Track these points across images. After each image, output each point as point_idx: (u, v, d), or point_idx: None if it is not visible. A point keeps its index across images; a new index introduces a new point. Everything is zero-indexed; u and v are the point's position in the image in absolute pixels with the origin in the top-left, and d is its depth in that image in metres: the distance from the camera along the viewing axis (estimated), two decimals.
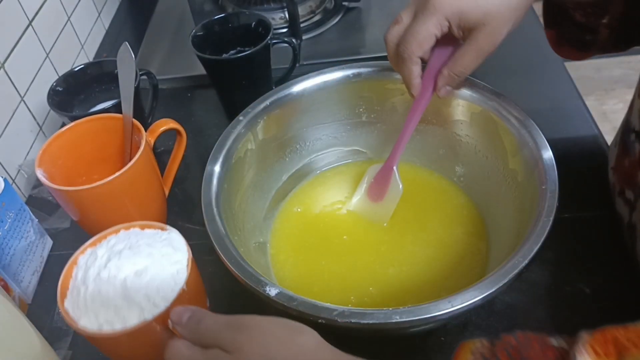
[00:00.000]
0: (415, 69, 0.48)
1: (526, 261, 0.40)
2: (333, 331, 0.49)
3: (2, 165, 0.62)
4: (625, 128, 0.52)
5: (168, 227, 0.45)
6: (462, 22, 0.44)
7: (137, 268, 0.41)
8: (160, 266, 0.41)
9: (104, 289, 0.40)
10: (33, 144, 0.69)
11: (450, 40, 0.47)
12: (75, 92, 0.65)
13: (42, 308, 0.54)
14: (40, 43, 0.72)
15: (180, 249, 0.43)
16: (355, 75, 0.57)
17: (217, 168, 0.50)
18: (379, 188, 0.56)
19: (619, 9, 0.48)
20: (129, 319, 0.38)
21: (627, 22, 0.49)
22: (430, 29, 0.45)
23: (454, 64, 0.47)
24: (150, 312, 0.39)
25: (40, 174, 0.51)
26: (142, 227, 0.45)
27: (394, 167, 0.55)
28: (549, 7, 0.54)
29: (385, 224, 0.55)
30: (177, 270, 0.42)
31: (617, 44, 0.52)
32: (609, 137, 0.60)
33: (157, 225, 0.45)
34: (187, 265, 0.42)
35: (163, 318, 0.39)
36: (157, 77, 0.67)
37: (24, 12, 0.68)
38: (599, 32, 0.51)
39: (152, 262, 0.42)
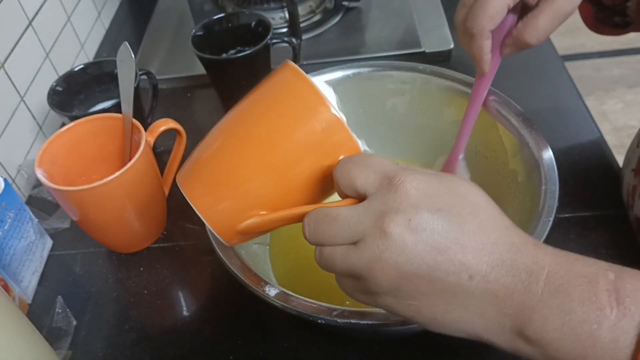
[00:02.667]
0: (487, 44, 0.45)
1: None
2: (333, 331, 0.49)
3: (2, 165, 0.62)
4: None
5: None
6: None
7: None
8: None
9: None
10: (33, 144, 0.69)
11: (517, 8, 0.44)
12: (75, 92, 0.65)
13: (42, 308, 0.54)
14: (40, 43, 0.72)
15: None
16: (355, 75, 0.57)
17: None
18: None
19: None
20: None
21: None
22: (501, 1, 0.41)
23: (526, 28, 0.43)
24: None
25: (40, 174, 0.51)
26: None
27: (460, 157, 0.52)
28: None
29: None
30: None
31: None
32: (609, 137, 0.60)
33: None
34: None
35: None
36: (157, 77, 0.67)
37: (24, 12, 0.68)
38: (627, 15, 0.50)
39: None
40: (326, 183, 0.35)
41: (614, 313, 0.27)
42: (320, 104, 0.34)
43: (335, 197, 0.35)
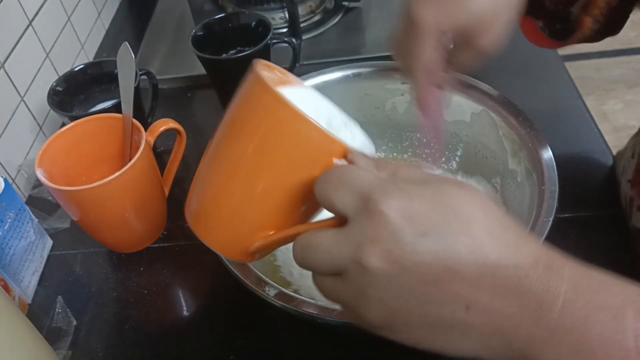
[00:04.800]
0: (423, 89, 0.45)
1: None
2: (333, 331, 0.49)
3: (2, 165, 0.62)
4: None
5: None
6: (456, 26, 0.42)
7: None
8: None
9: None
10: (33, 144, 0.69)
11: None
12: (75, 92, 0.65)
13: (42, 308, 0.54)
14: (40, 43, 0.72)
15: None
16: (355, 75, 0.57)
17: None
18: None
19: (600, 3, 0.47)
20: None
21: (611, 14, 0.48)
22: (427, 47, 0.42)
23: (453, 60, 0.45)
24: None
25: (40, 174, 0.51)
26: None
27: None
28: None
29: None
30: None
31: (596, 36, 0.51)
32: (609, 137, 0.60)
33: None
34: None
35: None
36: (157, 77, 0.67)
37: (24, 12, 0.68)
38: (570, 21, 0.50)
39: None
40: None
41: None
42: (287, 114, 0.30)
43: None
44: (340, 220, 0.29)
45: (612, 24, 0.49)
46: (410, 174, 0.29)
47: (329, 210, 0.29)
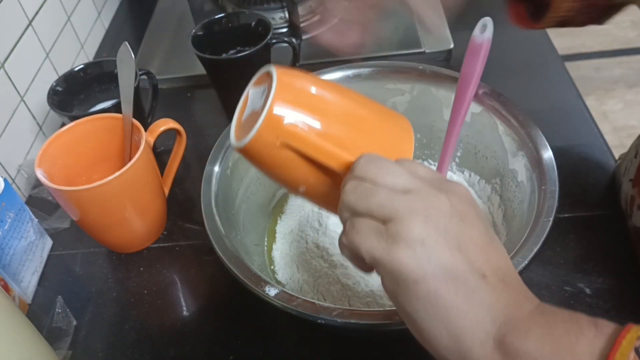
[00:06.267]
0: None
1: (526, 261, 0.40)
2: (333, 331, 0.49)
3: (2, 165, 0.62)
4: None
5: None
6: None
7: None
8: None
9: None
10: (33, 144, 0.69)
11: None
12: (75, 92, 0.65)
13: (42, 308, 0.54)
14: (40, 43, 0.72)
15: None
16: (355, 75, 0.57)
17: (217, 168, 0.50)
18: None
19: None
20: None
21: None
22: None
23: None
24: None
25: (40, 174, 0.51)
26: None
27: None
28: None
29: None
30: None
31: (578, 18, 0.50)
32: (609, 137, 0.60)
33: None
34: None
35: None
36: (157, 77, 0.67)
37: (24, 12, 0.68)
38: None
39: None
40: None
41: (592, 332, 0.28)
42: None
43: None
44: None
45: (594, 10, 0.49)
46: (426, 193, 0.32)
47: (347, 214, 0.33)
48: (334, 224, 0.56)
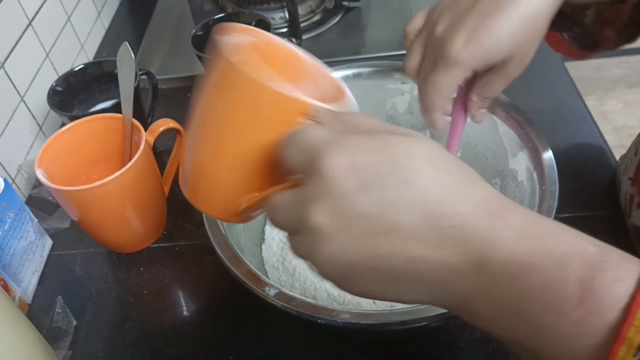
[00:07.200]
0: (438, 116, 0.44)
1: None
2: (333, 331, 0.49)
3: (2, 165, 0.62)
4: None
5: None
6: (489, 64, 0.40)
7: None
8: None
9: None
10: (33, 144, 0.69)
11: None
12: (75, 92, 0.65)
13: (42, 308, 0.54)
14: (40, 43, 0.72)
15: None
16: (355, 75, 0.57)
17: None
18: None
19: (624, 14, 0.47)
20: None
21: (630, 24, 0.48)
22: (452, 81, 0.40)
23: (483, 90, 0.43)
24: None
25: (40, 174, 0.51)
26: None
27: None
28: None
29: None
30: None
31: (617, 45, 0.51)
32: (609, 137, 0.60)
33: None
34: None
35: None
36: (157, 77, 0.67)
37: (24, 12, 0.68)
38: (584, 25, 0.50)
39: None
40: None
41: (582, 306, 0.23)
42: (240, 79, 0.30)
43: None
44: (300, 180, 0.29)
45: (631, 32, 0.49)
46: (359, 123, 0.29)
47: (287, 170, 0.30)
48: None
